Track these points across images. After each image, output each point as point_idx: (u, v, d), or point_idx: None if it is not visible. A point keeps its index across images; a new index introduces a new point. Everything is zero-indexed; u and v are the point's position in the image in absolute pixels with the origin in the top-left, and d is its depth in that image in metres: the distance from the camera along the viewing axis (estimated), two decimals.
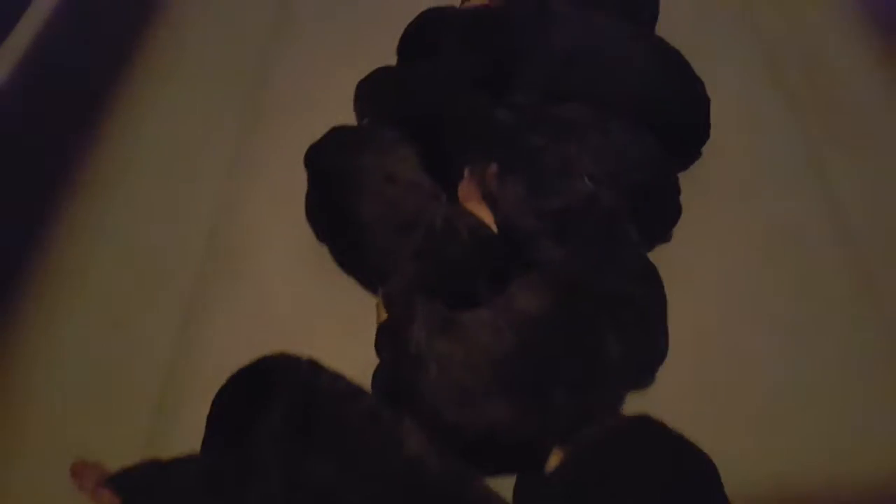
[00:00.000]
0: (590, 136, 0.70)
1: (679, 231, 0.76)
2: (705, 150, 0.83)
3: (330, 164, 0.72)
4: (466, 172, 0.68)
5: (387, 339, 0.62)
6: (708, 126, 0.82)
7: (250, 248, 0.77)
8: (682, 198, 0.76)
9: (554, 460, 0.54)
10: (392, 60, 0.88)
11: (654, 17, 0.92)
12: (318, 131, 0.77)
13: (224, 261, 0.77)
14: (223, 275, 0.75)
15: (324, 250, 0.73)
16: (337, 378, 0.57)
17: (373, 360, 0.64)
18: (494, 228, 0.67)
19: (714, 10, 1.04)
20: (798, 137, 0.90)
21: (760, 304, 0.74)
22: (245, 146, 0.87)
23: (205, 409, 0.58)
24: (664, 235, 0.76)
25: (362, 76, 0.84)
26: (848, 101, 0.95)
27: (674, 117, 0.79)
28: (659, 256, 0.72)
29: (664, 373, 0.65)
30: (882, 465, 0.64)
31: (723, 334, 0.71)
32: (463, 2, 0.88)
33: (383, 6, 1.02)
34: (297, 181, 0.75)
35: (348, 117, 0.84)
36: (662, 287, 0.65)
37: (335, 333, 0.69)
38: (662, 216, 0.74)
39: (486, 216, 0.67)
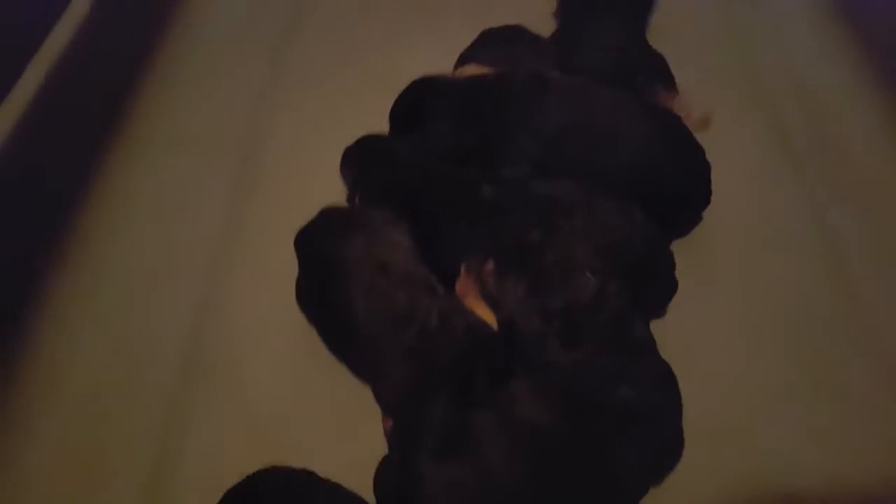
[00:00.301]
0: (576, 216, 0.69)
1: (678, 298, 0.74)
2: (706, 212, 0.81)
3: (320, 252, 0.70)
4: (462, 269, 0.67)
5: (394, 452, 0.60)
6: (709, 194, 0.80)
7: (238, 332, 0.75)
8: (682, 262, 0.74)
9: None
10: (386, 126, 0.86)
11: None
12: (309, 203, 0.75)
13: (210, 347, 0.75)
14: (210, 360, 0.73)
15: (315, 334, 0.72)
16: (335, 489, 0.55)
17: (367, 455, 0.62)
18: (495, 326, 0.65)
19: (717, 70, 1.02)
20: (803, 199, 0.89)
21: (764, 378, 0.72)
22: (232, 221, 0.86)
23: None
24: (658, 312, 0.74)
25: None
26: (854, 161, 0.93)
27: (673, 187, 0.78)
28: (657, 328, 0.70)
29: None
30: None
31: (726, 416, 0.69)
32: (456, 70, 0.87)
33: (376, 71, 1.01)
34: (288, 259, 0.73)
35: (341, 187, 0.83)
36: (678, 391, 0.63)
37: (329, 425, 0.67)
38: (657, 293, 0.73)
39: (485, 314, 0.66)
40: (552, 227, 0.68)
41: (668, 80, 0.90)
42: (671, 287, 0.73)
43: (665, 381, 0.63)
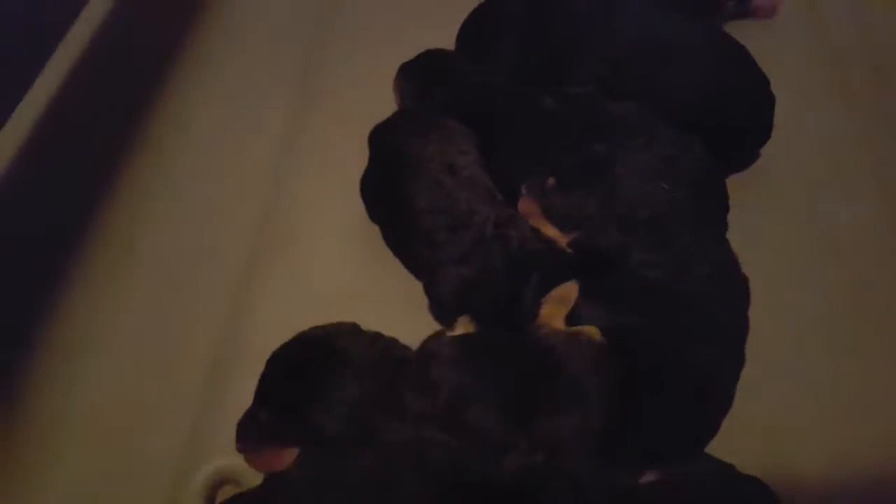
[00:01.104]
0: (637, 139, 0.68)
1: (731, 236, 0.73)
2: (764, 149, 0.81)
3: (393, 147, 0.72)
4: (523, 189, 0.67)
5: None
6: (771, 127, 0.80)
7: (302, 223, 0.79)
8: (736, 199, 0.73)
9: (649, 476, 0.54)
10: (446, 40, 0.86)
11: None
12: (373, 109, 0.77)
13: (276, 235, 0.78)
14: (274, 249, 0.77)
15: (374, 230, 0.74)
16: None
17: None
18: (563, 242, 0.65)
19: (781, 15, 1.00)
20: (861, 145, 0.88)
21: (814, 317, 0.73)
22: (301, 121, 0.89)
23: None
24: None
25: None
26: None
27: (736, 117, 0.77)
28: None
29: None
30: None
31: (775, 345, 0.69)
32: None
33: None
34: (351, 157, 0.76)
35: None
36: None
37: (378, 317, 0.68)
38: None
39: (552, 232, 0.66)
40: (613, 144, 0.67)
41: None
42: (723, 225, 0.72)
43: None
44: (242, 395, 0.57)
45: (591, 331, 0.56)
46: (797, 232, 0.79)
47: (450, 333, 0.61)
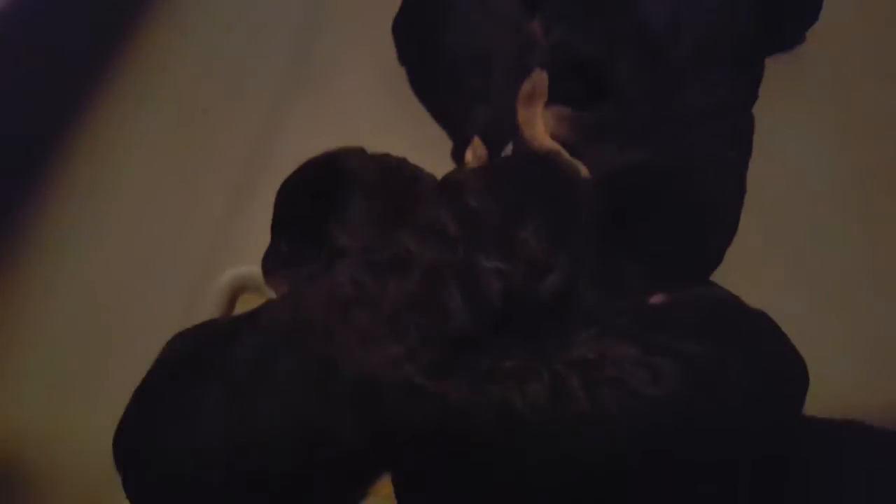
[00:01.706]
0: None
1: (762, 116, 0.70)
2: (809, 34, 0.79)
3: None
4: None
5: None
6: (820, 8, 0.77)
7: (332, 61, 0.79)
8: (780, 79, 0.71)
9: (657, 298, 0.55)
10: None
11: None
12: None
13: (306, 71, 0.79)
14: (304, 85, 0.78)
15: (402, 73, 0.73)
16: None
17: None
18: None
19: None
20: None
21: (846, 189, 0.72)
22: None
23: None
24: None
25: None
26: None
27: None
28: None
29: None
30: None
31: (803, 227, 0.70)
32: None
33: None
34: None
35: None
36: None
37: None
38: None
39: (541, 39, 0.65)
40: None
41: None
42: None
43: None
44: (266, 205, 0.59)
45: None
46: (838, 117, 0.77)
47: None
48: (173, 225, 0.68)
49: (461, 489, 0.47)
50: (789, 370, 0.51)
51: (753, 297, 0.56)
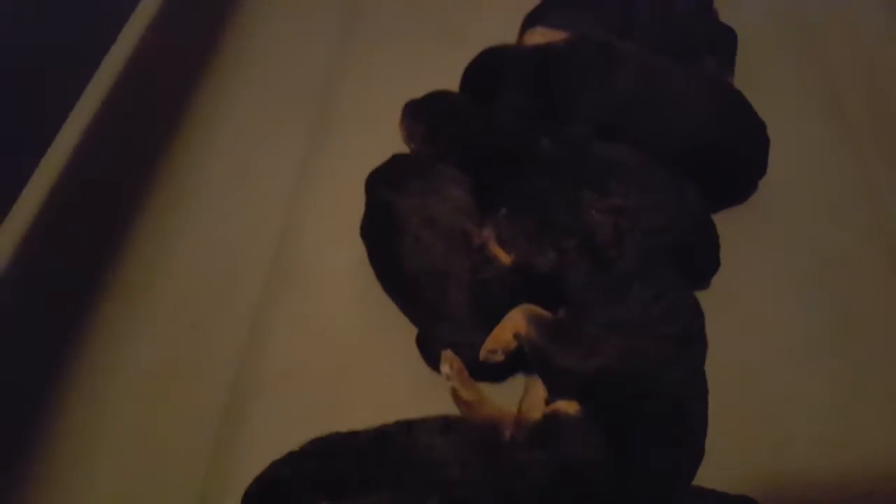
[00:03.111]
0: (630, 187, 0.71)
1: (728, 262, 0.77)
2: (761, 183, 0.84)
3: (380, 199, 0.76)
4: (486, 220, 0.71)
5: None
6: (765, 167, 0.82)
7: (311, 261, 0.83)
8: (734, 227, 0.78)
9: None
10: (452, 82, 0.89)
11: None
12: (383, 146, 0.82)
13: (287, 272, 0.82)
14: (286, 285, 0.81)
15: None
16: None
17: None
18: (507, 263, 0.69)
19: (775, 38, 1.03)
20: (856, 170, 0.90)
21: (807, 341, 0.75)
22: (312, 163, 0.92)
23: (271, 410, 0.68)
24: (702, 284, 0.77)
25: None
26: None
27: (731, 162, 0.80)
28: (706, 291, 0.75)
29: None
30: None
31: (767, 372, 0.73)
32: (522, 34, 0.89)
33: (444, 29, 1.06)
34: (361, 198, 0.79)
35: None
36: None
37: (382, 353, 0.74)
38: (699, 272, 0.76)
39: (503, 256, 0.69)
40: (604, 189, 0.70)
41: (728, 63, 0.91)
42: (714, 264, 0.76)
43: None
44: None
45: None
46: (791, 258, 0.81)
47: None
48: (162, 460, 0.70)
49: None
50: None
51: None
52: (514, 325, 0.65)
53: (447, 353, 0.66)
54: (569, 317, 0.66)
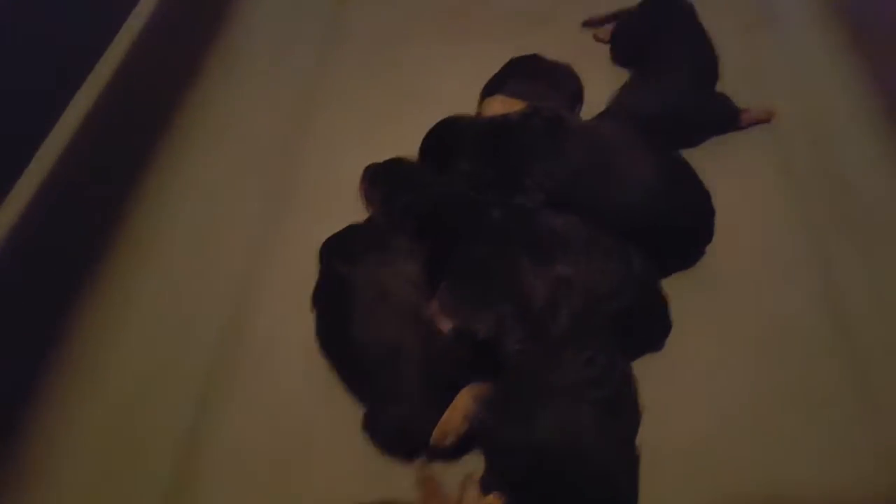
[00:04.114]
0: (574, 256, 0.73)
1: (675, 326, 0.79)
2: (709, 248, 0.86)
3: (333, 268, 0.77)
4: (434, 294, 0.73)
5: None
6: (711, 235, 0.85)
7: (265, 335, 0.83)
8: (682, 290, 0.80)
9: None
10: (415, 144, 0.92)
11: None
12: (340, 215, 0.83)
13: (239, 347, 0.82)
14: (238, 361, 0.81)
15: None
16: None
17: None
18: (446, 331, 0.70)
19: (728, 91, 1.03)
20: (803, 226, 0.92)
21: (753, 408, 0.76)
22: (269, 226, 0.93)
23: (219, 493, 0.67)
24: (656, 347, 0.79)
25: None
26: (855, 191, 0.96)
27: (677, 233, 0.83)
28: (654, 356, 0.77)
29: (651, 476, 0.67)
30: None
31: (715, 440, 0.74)
32: (481, 102, 0.93)
33: (408, 90, 1.08)
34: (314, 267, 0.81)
35: None
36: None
37: (335, 431, 0.74)
38: (650, 335, 0.78)
39: (443, 325, 0.70)
40: (548, 258, 0.72)
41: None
42: (664, 328, 0.78)
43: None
44: None
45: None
46: (739, 322, 0.83)
47: None
48: None
49: None
50: None
51: None
52: (464, 406, 0.67)
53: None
54: (505, 388, 0.67)
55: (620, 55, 1.08)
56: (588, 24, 1.15)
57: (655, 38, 1.01)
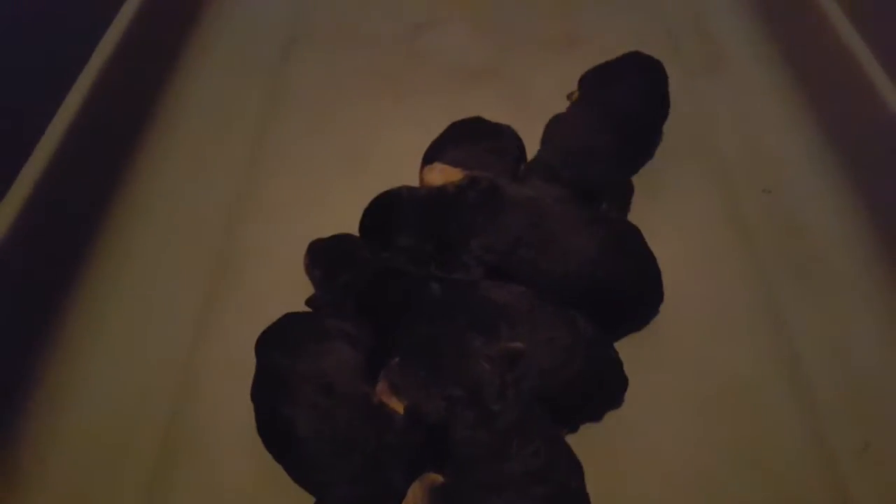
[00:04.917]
0: (519, 328, 0.73)
1: (630, 388, 0.77)
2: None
3: (271, 361, 0.74)
4: (382, 371, 0.71)
5: None
6: (660, 298, 0.83)
7: (206, 426, 0.80)
8: (635, 348, 0.79)
9: None
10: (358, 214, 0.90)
11: None
12: (281, 295, 0.82)
13: (180, 440, 0.80)
14: (179, 454, 0.79)
15: None
16: None
17: None
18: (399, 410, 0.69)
19: (673, 141, 1.04)
20: (753, 277, 0.91)
21: (708, 470, 0.75)
22: (210, 311, 0.90)
23: None
24: (614, 404, 0.78)
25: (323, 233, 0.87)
26: (807, 237, 0.96)
27: (624, 297, 0.81)
28: (610, 417, 0.77)
29: None
30: None
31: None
32: (422, 170, 0.91)
33: (350, 153, 1.07)
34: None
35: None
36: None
37: None
38: (607, 395, 0.77)
39: (394, 404, 0.69)
40: (492, 333, 0.71)
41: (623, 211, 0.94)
42: (620, 385, 0.77)
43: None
44: None
45: None
46: (692, 382, 0.81)
47: None
48: None
49: None
50: None
51: None
52: (417, 498, 0.65)
53: None
54: (455, 480, 0.65)
55: None
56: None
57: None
